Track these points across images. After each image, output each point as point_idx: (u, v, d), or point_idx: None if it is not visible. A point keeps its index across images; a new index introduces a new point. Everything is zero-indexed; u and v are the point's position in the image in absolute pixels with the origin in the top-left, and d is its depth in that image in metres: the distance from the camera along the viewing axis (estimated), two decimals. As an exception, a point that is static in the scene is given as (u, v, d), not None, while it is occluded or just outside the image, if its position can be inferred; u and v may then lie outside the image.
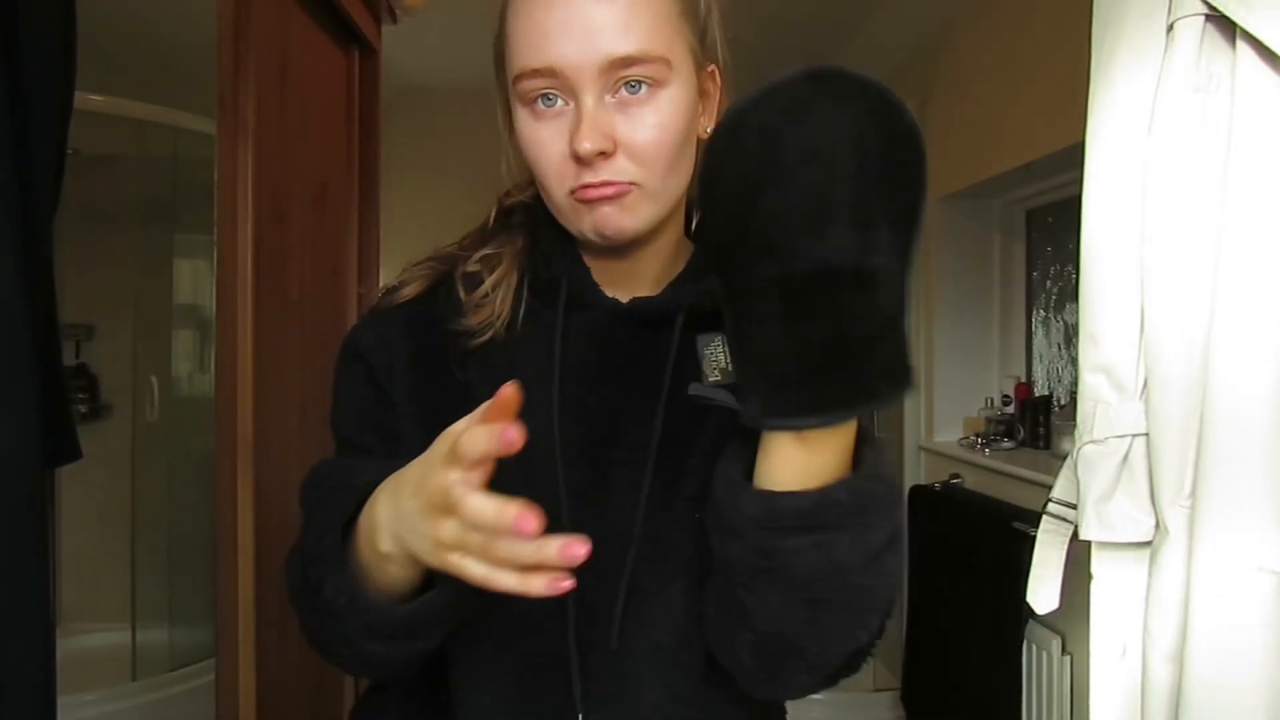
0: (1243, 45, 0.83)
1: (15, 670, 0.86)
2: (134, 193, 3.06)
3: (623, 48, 0.61)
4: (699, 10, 0.69)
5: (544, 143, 0.65)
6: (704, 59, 0.70)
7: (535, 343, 0.72)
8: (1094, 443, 0.96)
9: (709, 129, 0.71)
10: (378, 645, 0.59)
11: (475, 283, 0.72)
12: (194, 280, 3.18)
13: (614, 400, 0.71)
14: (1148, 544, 0.95)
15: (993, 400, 2.68)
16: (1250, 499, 0.83)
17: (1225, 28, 0.86)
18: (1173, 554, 0.90)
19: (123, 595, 2.91)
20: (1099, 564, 0.98)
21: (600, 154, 0.63)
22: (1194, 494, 0.88)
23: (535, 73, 0.63)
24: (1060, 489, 1.04)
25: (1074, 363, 1.95)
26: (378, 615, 0.58)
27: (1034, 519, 1.25)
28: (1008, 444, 2.46)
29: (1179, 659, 0.89)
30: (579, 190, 0.65)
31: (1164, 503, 0.91)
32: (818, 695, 0.98)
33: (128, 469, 3.00)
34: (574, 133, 0.62)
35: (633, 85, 0.63)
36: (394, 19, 1.99)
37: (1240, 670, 0.84)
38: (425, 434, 0.55)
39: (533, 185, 0.72)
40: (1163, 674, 0.91)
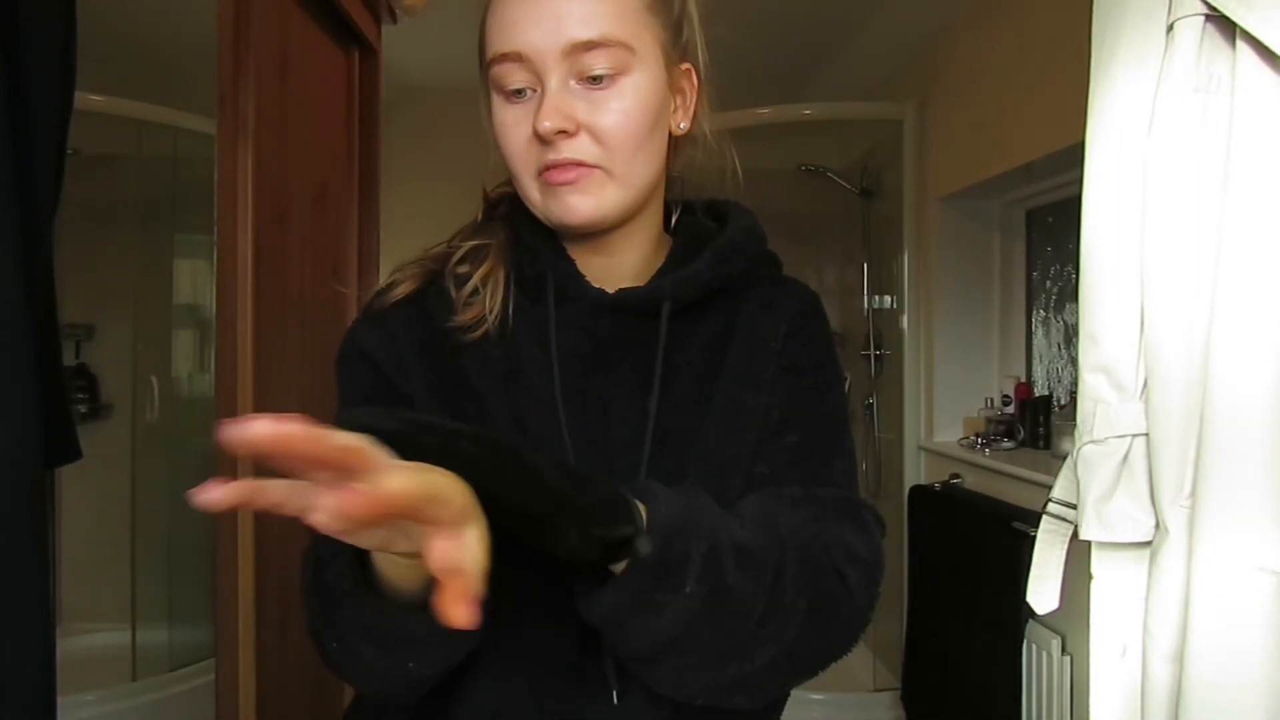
0: (1243, 45, 0.83)
1: (15, 670, 0.86)
2: (134, 193, 3.07)
3: (585, 33, 0.65)
4: (671, 7, 0.71)
5: (511, 126, 0.68)
6: (676, 56, 0.72)
7: (527, 337, 0.73)
8: (1094, 443, 0.96)
9: (682, 125, 0.74)
10: (367, 648, 0.60)
11: (464, 280, 0.73)
12: (194, 280, 3.19)
13: (608, 389, 0.72)
14: (1148, 544, 0.95)
15: (993, 400, 2.68)
16: (1250, 499, 0.83)
17: (1225, 28, 0.86)
18: (1173, 554, 0.90)
19: (123, 595, 2.91)
20: (1099, 564, 0.98)
21: (561, 132, 0.65)
22: (1194, 494, 0.88)
23: (504, 57, 0.66)
24: (1060, 489, 1.04)
25: (1074, 363, 1.95)
26: (374, 613, 0.59)
27: (1034, 519, 1.25)
28: (1008, 444, 2.46)
29: (1179, 659, 0.89)
30: (544, 173, 0.67)
31: (1164, 503, 0.91)
32: (817, 695, 0.98)
33: (128, 469, 3.00)
34: (536, 113, 0.65)
35: (597, 77, 0.66)
36: (394, 19, 1.99)
37: (1240, 670, 0.84)
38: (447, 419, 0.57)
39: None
40: (1163, 674, 0.91)
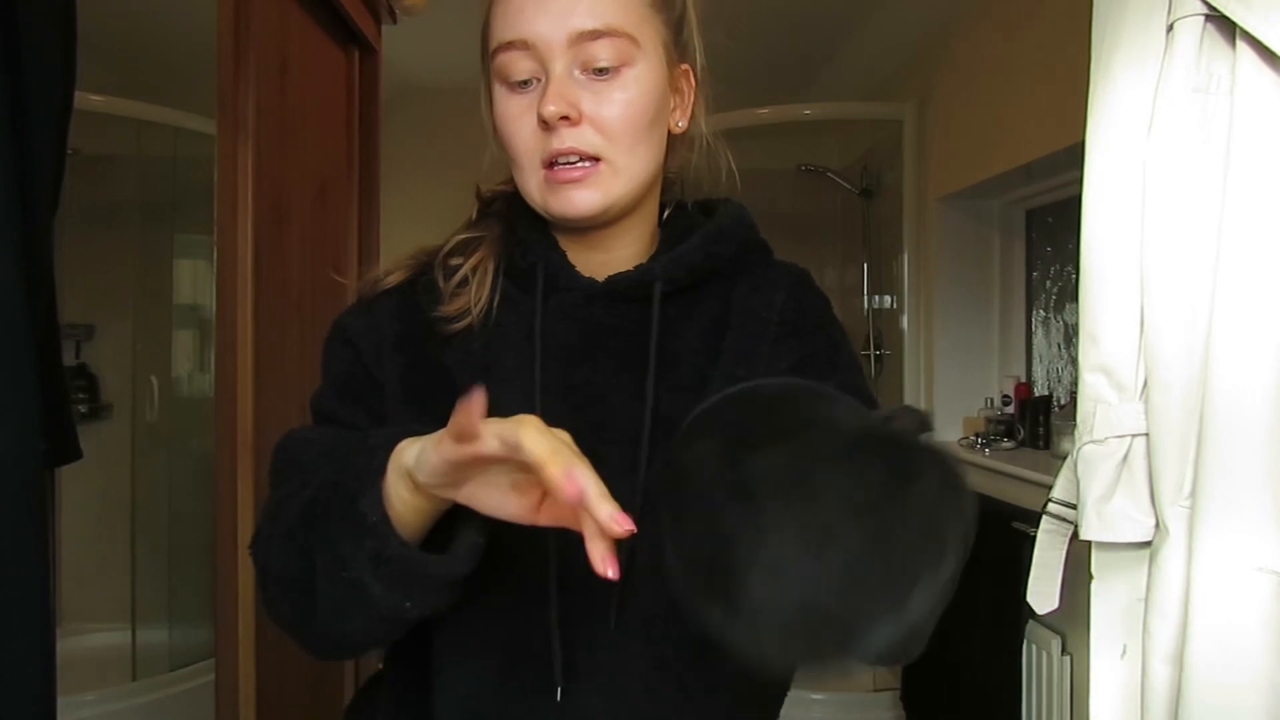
0: (1243, 45, 0.83)
1: (15, 670, 0.86)
2: (134, 193, 3.07)
3: (589, 23, 0.66)
4: (673, 6, 0.72)
5: (516, 116, 0.68)
6: (676, 54, 0.73)
7: (513, 328, 0.73)
8: (1094, 443, 0.96)
9: (680, 124, 0.75)
10: (377, 583, 0.56)
11: (453, 271, 0.74)
12: (194, 280, 3.19)
13: (598, 380, 0.72)
14: (1148, 544, 0.95)
15: (993, 400, 2.68)
16: (1250, 499, 0.83)
17: (1225, 28, 0.86)
18: (1173, 554, 0.90)
19: (123, 595, 2.91)
20: (1099, 564, 0.98)
21: (565, 119, 0.66)
22: (1194, 494, 0.88)
23: (509, 45, 0.67)
24: (1060, 489, 1.04)
25: (1074, 363, 1.95)
26: (401, 548, 0.56)
27: (1034, 519, 1.25)
28: (1008, 444, 2.46)
29: (1179, 659, 0.89)
30: (549, 170, 0.68)
31: (1164, 503, 0.91)
32: (817, 695, 0.98)
33: (128, 469, 3.00)
34: (541, 99, 0.66)
35: (601, 69, 0.67)
36: (394, 19, 1.99)
37: (1240, 670, 0.84)
38: (415, 414, 0.58)
39: (512, 179, 0.74)
40: (1163, 674, 0.91)
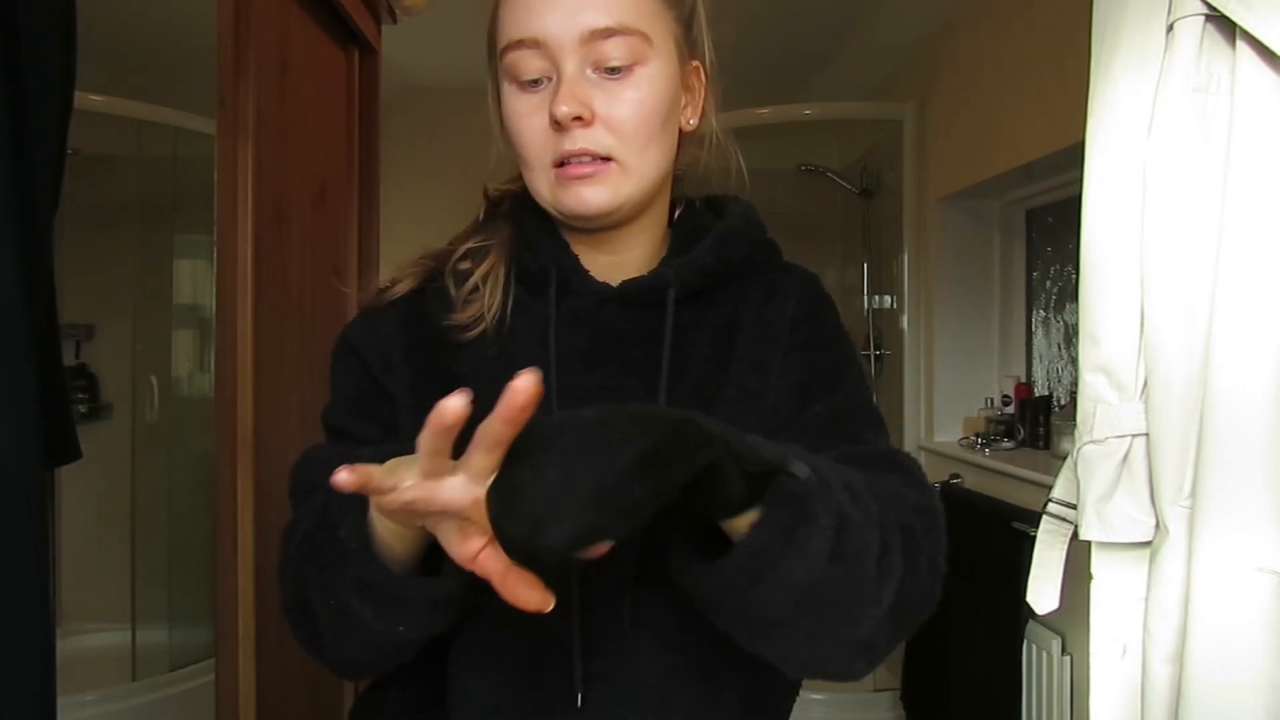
0: (1242, 45, 0.83)
1: (15, 670, 0.86)
2: (134, 193, 3.06)
3: (602, 20, 0.64)
4: (684, 2, 0.71)
5: (527, 115, 0.67)
6: (688, 52, 0.72)
7: (527, 333, 0.72)
8: (1094, 443, 0.96)
9: (691, 122, 0.74)
10: (365, 608, 0.58)
11: (464, 278, 0.73)
12: (194, 280, 3.19)
13: (612, 385, 0.71)
14: (1148, 544, 0.95)
15: (993, 400, 2.68)
16: (1250, 499, 0.83)
17: (1225, 28, 0.86)
18: (1173, 554, 0.90)
19: (123, 595, 2.91)
20: (1099, 564, 0.98)
21: (577, 119, 0.65)
22: (1194, 494, 0.88)
23: (520, 43, 0.66)
24: (1060, 489, 1.04)
25: (1074, 363, 1.95)
26: (380, 571, 0.57)
27: (1034, 519, 1.25)
28: (1008, 444, 2.46)
29: (1179, 659, 0.89)
30: (560, 166, 0.67)
31: (1164, 503, 0.91)
32: (817, 695, 0.98)
33: (128, 469, 3.00)
34: (553, 99, 0.65)
35: (614, 69, 0.66)
36: (394, 19, 1.99)
37: (1240, 670, 0.84)
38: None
39: (520, 178, 0.73)
40: (1163, 674, 0.91)
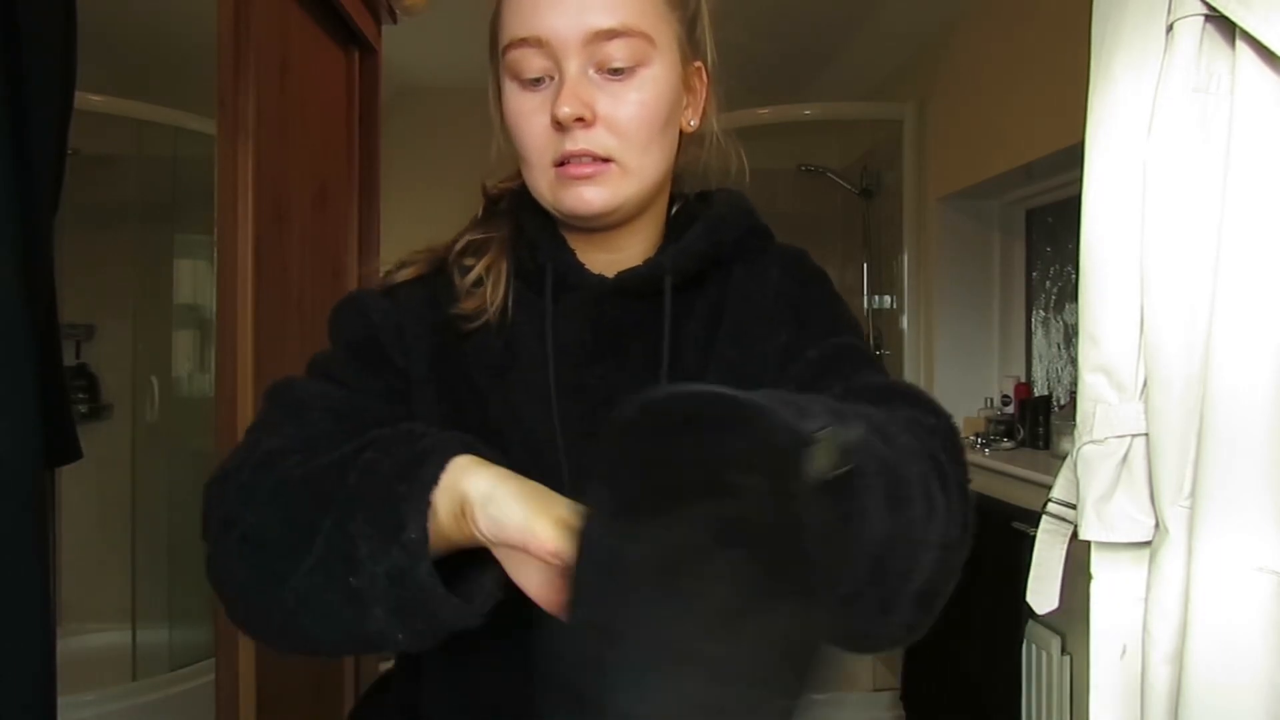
0: (1242, 45, 0.83)
1: (15, 670, 0.86)
2: (134, 193, 3.06)
3: (606, 21, 0.64)
4: (688, 3, 0.71)
5: (529, 114, 0.67)
6: (691, 53, 0.72)
7: (527, 329, 0.72)
8: (1094, 443, 0.96)
9: (693, 123, 0.74)
10: (378, 601, 0.51)
11: (467, 271, 0.74)
12: (194, 280, 3.18)
13: (612, 378, 0.71)
14: (1147, 544, 0.95)
15: (992, 400, 2.68)
16: (1250, 499, 0.83)
17: (1225, 28, 0.86)
18: (1172, 554, 0.90)
19: (123, 595, 2.91)
20: (1099, 564, 0.98)
21: (579, 120, 0.64)
22: (1194, 494, 0.88)
23: (523, 41, 0.65)
24: (1060, 489, 1.04)
25: (1074, 363, 1.95)
26: (427, 578, 0.50)
27: (1034, 519, 1.25)
28: (1008, 444, 2.46)
29: (1179, 659, 0.89)
30: (560, 166, 0.66)
31: (1164, 503, 0.91)
32: (817, 695, 0.98)
33: (128, 469, 3.00)
34: (555, 99, 0.64)
35: (616, 70, 0.65)
36: (394, 19, 1.99)
37: (1240, 670, 0.84)
38: (447, 405, 0.63)
39: (518, 175, 0.73)
40: (1163, 674, 0.91)
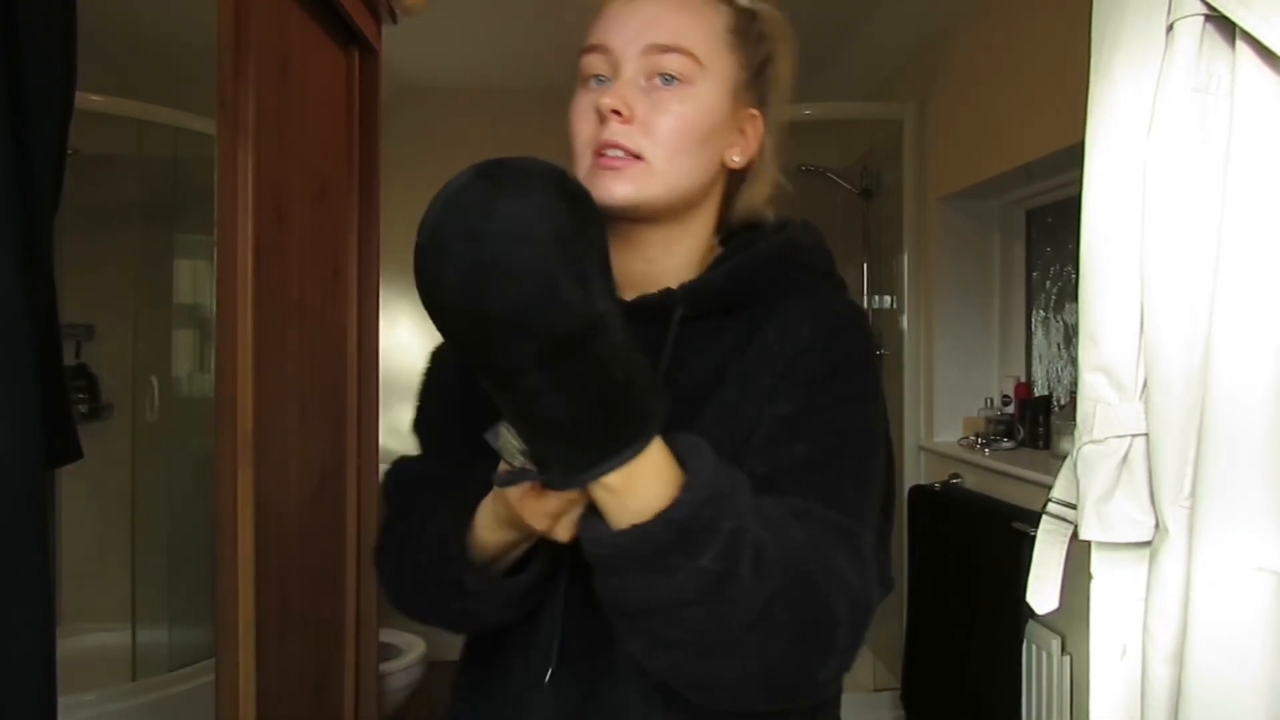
0: (1242, 45, 0.83)
1: (15, 670, 0.86)
2: (134, 193, 3.06)
3: (663, 37, 0.72)
4: (753, 45, 0.78)
5: (582, 110, 0.74)
6: (747, 97, 0.77)
7: None
8: (1094, 443, 0.96)
9: (735, 159, 0.78)
10: (472, 596, 0.71)
11: None
12: (194, 280, 3.18)
13: None
14: (1147, 544, 0.95)
15: (992, 400, 2.68)
16: (1250, 499, 0.83)
17: (1225, 28, 0.86)
18: (1173, 554, 0.90)
19: (123, 595, 2.91)
20: (1099, 564, 0.98)
21: (616, 112, 0.70)
22: (1194, 494, 0.88)
23: (592, 48, 0.74)
24: (1060, 489, 1.04)
25: (1074, 363, 1.95)
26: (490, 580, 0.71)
27: (1034, 519, 1.25)
28: (1007, 444, 2.46)
29: (1179, 659, 0.89)
30: (597, 158, 0.71)
31: (1164, 503, 0.91)
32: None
33: (128, 469, 3.00)
34: (603, 95, 0.71)
35: (666, 78, 0.72)
36: (394, 19, 1.99)
37: (1240, 670, 0.84)
38: (465, 442, 0.71)
39: None
40: (1163, 674, 0.91)
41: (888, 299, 3.26)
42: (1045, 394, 2.56)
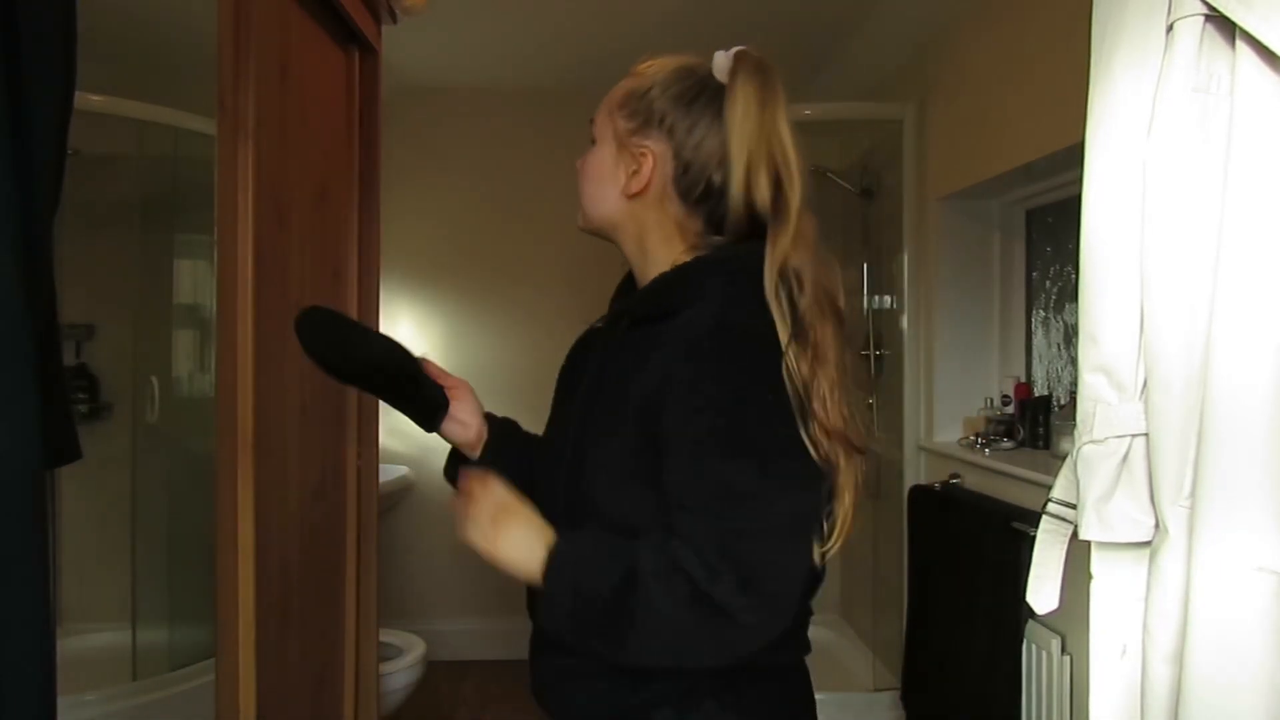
0: (1242, 45, 0.83)
1: (15, 670, 0.86)
2: (134, 193, 3.06)
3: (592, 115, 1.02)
4: (639, 113, 0.95)
5: None
6: (636, 141, 0.95)
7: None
8: (1094, 443, 0.96)
9: (631, 188, 0.95)
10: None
11: None
12: (194, 280, 3.18)
13: (568, 404, 0.99)
14: (1147, 544, 0.95)
15: (992, 400, 2.68)
16: (1250, 499, 0.83)
17: (1225, 28, 0.86)
18: (1173, 554, 0.90)
19: (123, 595, 2.91)
20: (1099, 564, 0.99)
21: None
22: (1194, 494, 0.88)
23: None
24: (1060, 489, 1.04)
25: (1074, 363, 1.95)
26: None
27: (1034, 519, 1.25)
28: (1007, 444, 2.46)
29: (1179, 659, 0.89)
30: None
31: (1164, 503, 0.91)
32: (818, 695, 0.99)
33: (128, 469, 2.99)
34: None
35: (594, 140, 1.01)
36: (394, 19, 1.99)
37: (1240, 670, 0.84)
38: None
39: None
40: (1163, 674, 0.91)
41: (888, 299, 3.26)
42: (1045, 394, 2.56)
